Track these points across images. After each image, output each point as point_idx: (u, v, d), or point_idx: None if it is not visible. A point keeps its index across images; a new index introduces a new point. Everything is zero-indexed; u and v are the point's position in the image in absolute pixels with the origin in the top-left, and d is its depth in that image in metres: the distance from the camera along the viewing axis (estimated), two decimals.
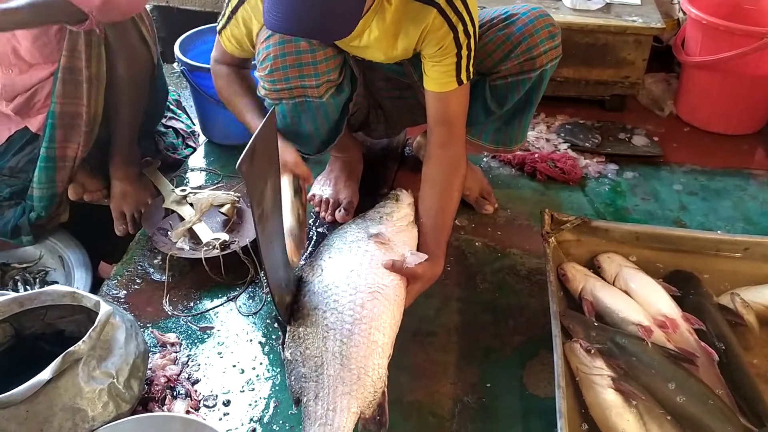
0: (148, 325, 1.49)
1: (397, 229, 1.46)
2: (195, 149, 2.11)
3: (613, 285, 1.46)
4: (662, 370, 1.25)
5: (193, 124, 2.21)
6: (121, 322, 1.23)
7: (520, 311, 1.53)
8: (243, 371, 1.39)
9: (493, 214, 1.83)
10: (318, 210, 1.81)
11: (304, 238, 1.51)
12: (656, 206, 1.90)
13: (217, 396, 1.33)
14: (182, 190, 1.77)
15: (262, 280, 1.60)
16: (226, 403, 1.32)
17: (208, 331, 1.48)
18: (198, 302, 1.56)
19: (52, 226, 1.78)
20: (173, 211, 1.74)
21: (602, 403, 1.20)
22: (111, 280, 1.61)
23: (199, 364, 1.40)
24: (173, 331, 1.47)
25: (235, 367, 1.40)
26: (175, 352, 1.42)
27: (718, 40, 2.14)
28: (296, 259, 1.38)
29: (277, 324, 1.48)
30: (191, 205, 1.73)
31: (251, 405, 1.32)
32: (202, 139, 2.16)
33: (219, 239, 1.62)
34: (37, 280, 1.71)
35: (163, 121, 2.09)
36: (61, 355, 1.09)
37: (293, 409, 1.28)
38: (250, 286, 1.60)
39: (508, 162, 2.05)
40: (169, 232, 1.67)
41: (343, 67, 1.54)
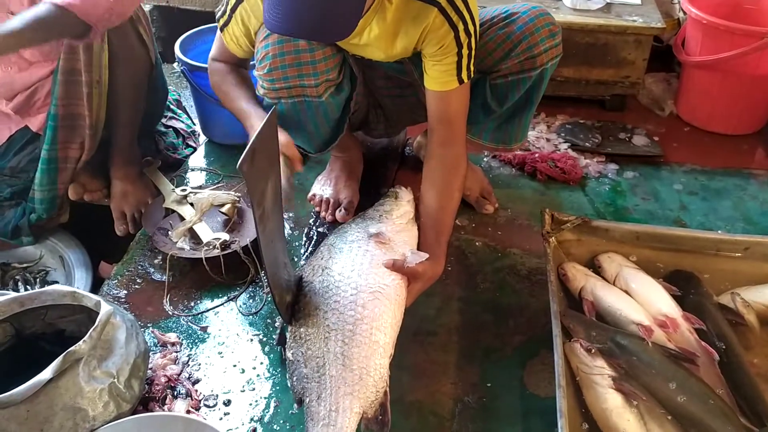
0: (149, 325, 1.49)
1: (398, 228, 1.46)
2: (195, 149, 2.11)
3: (613, 285, 1.46)
4: (663, 369, 1.25)
5: (194, 124, 2.21)
6: (122, 322, 1.23)
7: (520, 311, 1.53)
8: (243, 371, 1.39)
9: (494, 214, 1.84)
10: (318, 210, 1.80)
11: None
12: (656, 206, 1.90)
13: (217, 396, 1.33)
14: (182, 190, 1.77)
15: (263, 280, 1.60)
16: (227, 403, 1.32)
17: (209, 331, 1.48)
18: (198, 302, 1.56)
19: (52, 226, 1.78)
20: (173, 211, 1.74)
21: (603, 403, 1.20)
22: (111, 280, 1.61)
23: (200, 364, 1.40)
24: (174, 331, 1.47)
25: (235, 366, 1.40)
26: (176, 352, 1.42)
27: (718, 40, 2.14)
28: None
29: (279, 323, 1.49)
30: (191, 204, 1.73)
31: (252, 405, 1.32)
32: (202, 138, 2.16)
33: (219, 239, 1.62)
34: (38, 279, 1.71)
35: (164, 120, 2.09)
36: (61, 355, 1.09)
37: (294, 409, 1.28)
38: (251, 286, 1.59)
39: (509, 162, 2.05)
40: (169, 232, 1.67)
41: (343, 66, 1.54)
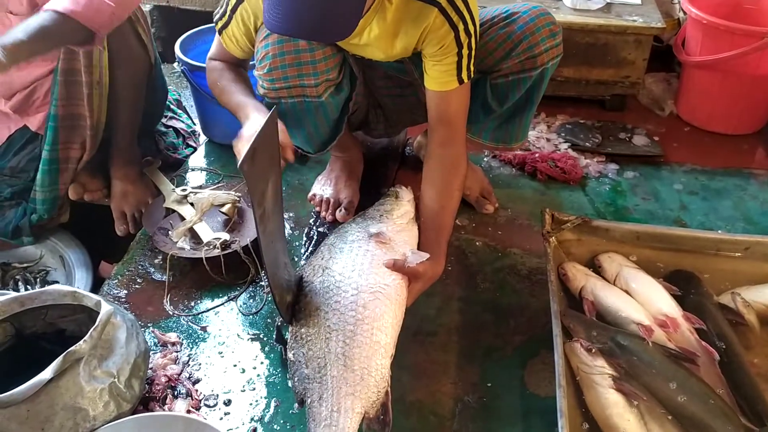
0: (149, 325, 1.49)
1: (398, 228, 1.46)
2: (195, 149, 2.11)
3: (613, 284, 1.46)
4: (663, 369, 1.25)
5: (194, 124, 2.20)
6: (122, 322, 1.23)
7: (520, 311, 1.53)
8: (244, 371, 1.39)
9: (494, 214, 1.83)
10: (318, 209, 1.80)
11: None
12: (657, 206, 1.90)
13: (218, 395, 1.33)
14: (183, 190, 1.77)
15: (263, 280, 1.60)
16: (227, 403, 1.32)
17: (209, 331, 1.48)
18: (199, 302, 1.56)
19: (53, 226, 1.78)
20: (174, 211, 1.74)
21: (603, 403, 1.20)
22: (112, 280, 1.61)
23: (200, 364, 1.40)
24: (174, 331, 1.47)
25: (236, 366, 1.40)
26: (176, 352, 1.42)
27: (718, 40, 2.14)
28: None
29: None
30: (192, 204, 1.73)
31: (252, 404, 1.32)
32: (202, 138, 2.16)
33: (220, 239, 1.62)
34: (38, 279, 1.71)
35: (164, 120, 2.09)
36: (62, 355, 1.09)
37: (294, 409, 1.28)
38: (251, 286, 1.59)
39: (509, 162, 2.05)
40: (169, 232, 1.67)
41: (343, 65, 1.54)
